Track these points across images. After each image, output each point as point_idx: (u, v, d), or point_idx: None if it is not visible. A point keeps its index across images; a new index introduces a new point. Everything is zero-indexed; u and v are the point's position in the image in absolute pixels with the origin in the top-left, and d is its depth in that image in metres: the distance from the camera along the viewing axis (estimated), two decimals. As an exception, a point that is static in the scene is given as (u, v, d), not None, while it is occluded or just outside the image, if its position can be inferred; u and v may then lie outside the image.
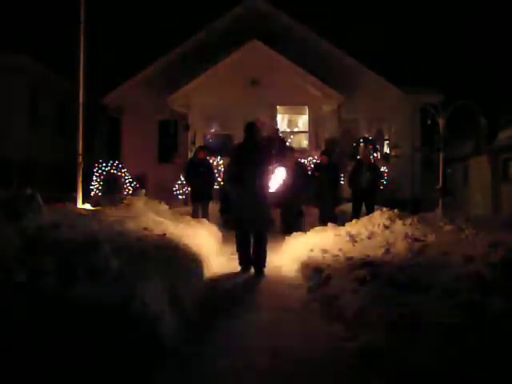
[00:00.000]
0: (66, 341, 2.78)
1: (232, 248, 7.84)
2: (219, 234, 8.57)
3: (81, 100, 9.75)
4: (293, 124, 15.80)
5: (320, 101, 14.46)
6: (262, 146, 6.51)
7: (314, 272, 5.05)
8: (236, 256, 6.10)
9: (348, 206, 10.70)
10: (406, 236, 5.63)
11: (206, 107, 14.09)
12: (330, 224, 7.63)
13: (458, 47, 24.29)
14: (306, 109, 14.69)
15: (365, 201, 9.86)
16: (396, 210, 7.30)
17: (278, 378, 2.76)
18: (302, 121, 15.32)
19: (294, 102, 14.78)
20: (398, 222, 6.42)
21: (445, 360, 2.52)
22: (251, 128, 6.07)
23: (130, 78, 16.27)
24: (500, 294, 3.10)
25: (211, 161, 11.42)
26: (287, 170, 9.23)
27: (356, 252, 5.40)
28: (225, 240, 8.33)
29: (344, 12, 23.28)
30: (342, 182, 12.20)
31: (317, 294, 4.45)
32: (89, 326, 2.84)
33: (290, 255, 6.60)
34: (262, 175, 5.86)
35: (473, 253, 4.32)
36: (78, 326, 2.82)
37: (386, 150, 16.33)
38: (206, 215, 9.74)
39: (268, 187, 5.98)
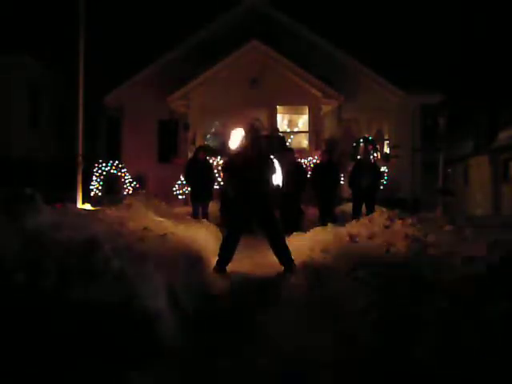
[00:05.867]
0: (66, 341, 2.78)
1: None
2: (219, 234, 8.57)
3: (81, 100, 9.76)
4: (293, 124, 15.80)
5: (320, 101, 14.45)
6: (263, 150, 6.56)
7: (314, 272, 5.05)
8: (236, 256, 6.10)
9: (348, 206, 10.70)
10: (406, 236, 5.62)
11: (206, 107, 14.09)
12: (329, 224, 7.63)
13: (458, 47, 24.29)
14: (306, 109, 14.69)
15: (365, 201, 9.87)
16: (396, 210, 7.30)
17: (277, 380, 2.75)
18: (302, 121, 15.32)
19: (294, 102, 14.78)
20: (398, 222, 6.42)
21: (445, 360, 2.52)
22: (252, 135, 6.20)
23: (130, 78, 16.27)
24: (500, 295, 3.09)
25: (211, 161, 11.42)
26: (285, 170, 9.25)
27: (356, 252, 5.39)
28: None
29: (344, 12, 23.28)
30: (341, 182, 12.20)
31: (317, 294, 4.45)
32: (89, 326, 2.84)
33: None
34: (264, 176, 5.93)
35: (473, 253, 4.32)
36: (77, 326, 2.82)
37: (386, 150, 16.32)
38: (206, 215, 9.74)
39: (271, 185, 6.05)
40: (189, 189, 11.13)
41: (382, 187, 13.06)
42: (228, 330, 3.61)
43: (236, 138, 6.30)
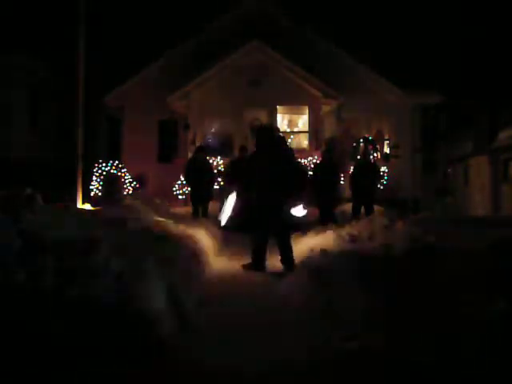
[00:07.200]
0: (66, 341, 2.78)
1: (232, 248, 7.85)
2: (219, 234, 8.56)
3: (81, 100, 9.76)
4: (293, 124, 15.80)
5: (320, 101, 14.47)
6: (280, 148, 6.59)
7: (314, 272, 5.04)
8: (236, 256, 6.11)
9: (348, 206, 10.70)
10: (406, 236, 5.62)
11: (206, 107, 14.10)
12: (330, 224, 7.63)
13: (458, 47, 24.30)
14: (306, 109, 14.70)
15: (365, 201, 9.87)
16: (396, 210, 7.30)
17: (277, 381, 2.75)
18: (302, 121, 15.33)
19: (294, 102, 14.80)
20: (398, 222, 6.42)
21: (445, 360, 2.52)
22: (265, 132, 6.28)
23: (130, 78, 16.27)
24: (500, 295, 3.09)
25: (211, 161, 11.42)
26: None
27: (356, 252, 5.39)
28: (224, 240, 8.33)
29: (345, 12, 23.30)
30: (342, 182, 12.20)
31: (317, 295, 4.44)
32: (88, 326, 2.84)
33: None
34: (283, 176, 6.02)
35: (473, 253, 4.32)
36: (77, 326, 2.82)
37: (386, 150, 16.32)
38: (206, 215, 9.74)
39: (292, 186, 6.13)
40: (189, 189, 11.13)
41: (381, 187, 13.08)
42: (226, 330, 3.61)
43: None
